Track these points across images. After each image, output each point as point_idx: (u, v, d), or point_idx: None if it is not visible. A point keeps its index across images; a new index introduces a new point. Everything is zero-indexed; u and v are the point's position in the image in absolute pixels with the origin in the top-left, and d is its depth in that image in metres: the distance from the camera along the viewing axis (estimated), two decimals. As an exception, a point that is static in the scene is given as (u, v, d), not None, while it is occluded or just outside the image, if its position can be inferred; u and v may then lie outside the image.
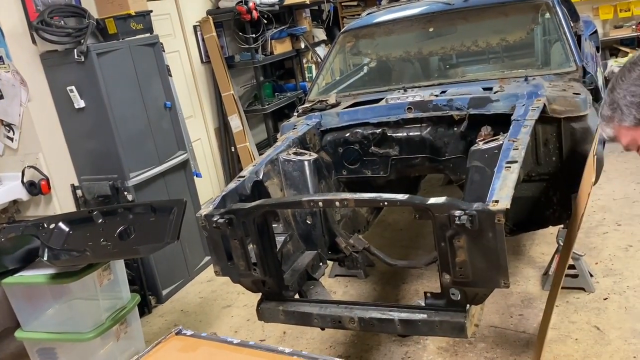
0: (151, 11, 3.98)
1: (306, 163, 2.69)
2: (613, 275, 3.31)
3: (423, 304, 2.07)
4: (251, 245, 2.22)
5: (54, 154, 3.75)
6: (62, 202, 3.80)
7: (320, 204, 2.00)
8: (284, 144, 2.81)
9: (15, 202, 3.76)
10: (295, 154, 2.76)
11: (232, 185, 2.41)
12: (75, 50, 3.45)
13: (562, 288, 3.16)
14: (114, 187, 3.70)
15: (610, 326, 2.85)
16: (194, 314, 3.82)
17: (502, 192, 1.82)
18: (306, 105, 3.37)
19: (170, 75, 4.22)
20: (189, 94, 5.11)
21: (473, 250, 1.81)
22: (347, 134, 3.05)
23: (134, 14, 3.80)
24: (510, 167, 1.98)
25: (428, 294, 2.05)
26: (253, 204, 2.11)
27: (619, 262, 3.44)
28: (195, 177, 4.41)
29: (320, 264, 2.71)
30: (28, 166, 3.67)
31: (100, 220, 3.30)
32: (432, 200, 1.82)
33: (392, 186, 3.20)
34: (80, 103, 3.59)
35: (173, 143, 4.15)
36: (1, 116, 3.68)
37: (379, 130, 2.97)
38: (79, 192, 3.82)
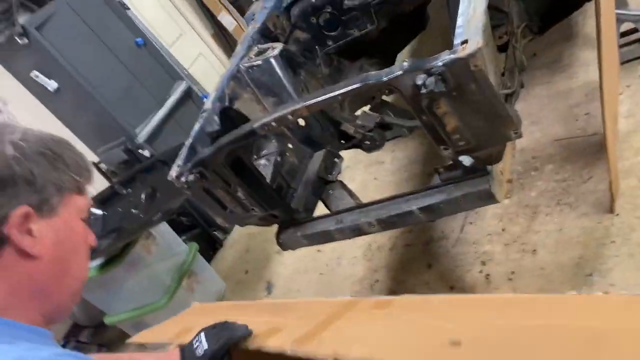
0: (71, -49, 3.49)
1: (273, 61, 2.27)
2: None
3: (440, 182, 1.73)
4: (240, 185, 1.96)
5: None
6: (94, 183, 3.74)
7: (274, 124, 1.66)
8: (243, 49, 2.39)
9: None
10: (258, 53, 2.35)
11: (195, 127, 2.10)
12: (14, 35, 3.15)
13: (625, 62, 2.62)
14: (127, 149, 3.55)
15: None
16: (259, 234, 3.75)
17: (470, 25, 1.36)
18: (262, -18, 2.85)
19: (128, 8, 3.80)
20: (168, 15, 4.67)
21: (461, 111, 1.40)
22: None
23: (54, -37, 3.36)
24: (478, -21, 1.47)
25: (440, 169, 1.70)
26: (210, 150, 1.82)
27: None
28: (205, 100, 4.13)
29: (335, 159, 2.41)
30: (44, 164, 3.60)
31: (124, 191, 3.22)
32: (389, 75, 1.41)
33: (391, 36, 2.71)
34: (51, 84, 3.37)
35: (165, 78, 3.86)
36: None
37: (344, -22, 2.44)
38: (102, 166, 3.73)
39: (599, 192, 2.24)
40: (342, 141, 2.44)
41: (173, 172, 1.96)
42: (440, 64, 1.32)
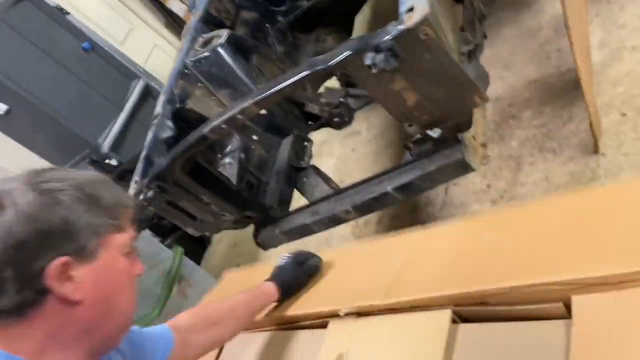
0: (-8, -38, 3.26)
1: (220, 50, 2.13)
2: None
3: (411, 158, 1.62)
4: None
5: (25, 166, 3.46)
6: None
7: (224, 126, 1.53)
8: (187, 42, 2.24)
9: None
10: (204, 44, 2.19)
11: (149, 136, 1.97)
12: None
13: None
14: (93, 161, 3.40)
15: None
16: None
17: (415, -12, 1.22)
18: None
19: (67, 13, 3.59)
20: (113, 11, 4.43)
21: (419, 85, 1.28)
22: (253, -26, 2.38)
23: (-23, -20, 3.14)
24: None
25: (409, 145, 1.59)
26: (165, 162, 1.70)
27: None
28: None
29: (305, 144, 2.29)
30: (11, 190, 3.46)
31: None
32: (335, 58, 1.27)
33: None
34: (1, 107, 3.19)
35: (120, 79, 3.67)
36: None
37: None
38: (72, 182, 3.58)
39: (582, 133, 2.14)
40: (309, 123, 2.32)
41: (131, 190, 1.84)
42: (387, 38, 1.19)
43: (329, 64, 1.28)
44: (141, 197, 1.76)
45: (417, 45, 1.19)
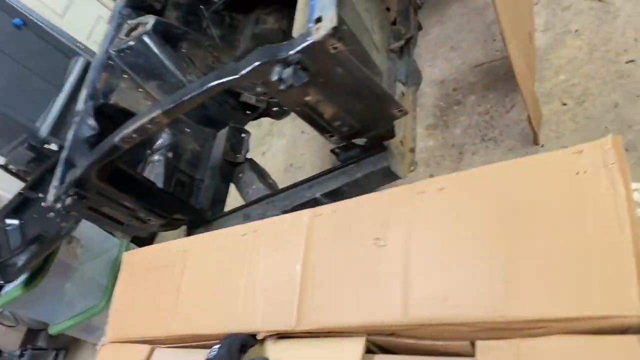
0: None
1: (146, 39, 1.98)
2: None
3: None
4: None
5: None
6: (7, 186, 3.45)
7: (135, 135, 1.43)
8: (112, 29, 2.09)
9: (-32, 212, 3.49)
10: (129, 32, 2.05)
11: (69, 136, 1.85)
12: None
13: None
14: (32, 147, 3.23)
15: (613, -10, 2.12)
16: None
17: (324, -3, 1.12)
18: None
19: (-6, -13, 3.35)
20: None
21: (334, 98, 1.20)
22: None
23: None
24: None
25: (337, 151, 1.52)
26: (79, 172, 1.60)
27: None
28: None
29: (242, 135, 2.20)
30: (-54, 178, 3.29)
31: (36, 196, 2.95)
32: (242, 70, 1.18)
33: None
34: None
35: (58, 57, 3.47)
36: None
37: None
38: (12, 167, 3.42)
39: (523, 122, 2.10)
40: (246, 113, 2.21)
41: (50, 197, 1.74)
42: (294, 51, 1.10)
43: (236, 76, 1.18)
44: (59, 205, 1.66)
45: (327, 59, 1.11)
